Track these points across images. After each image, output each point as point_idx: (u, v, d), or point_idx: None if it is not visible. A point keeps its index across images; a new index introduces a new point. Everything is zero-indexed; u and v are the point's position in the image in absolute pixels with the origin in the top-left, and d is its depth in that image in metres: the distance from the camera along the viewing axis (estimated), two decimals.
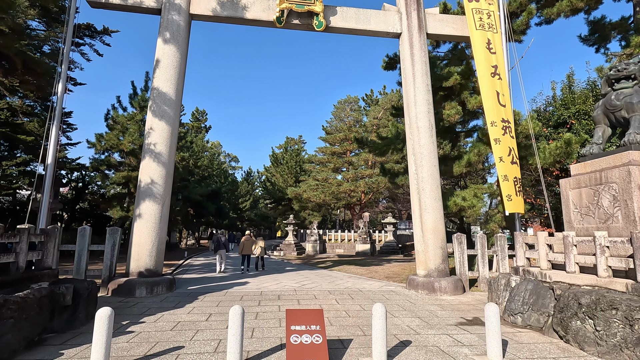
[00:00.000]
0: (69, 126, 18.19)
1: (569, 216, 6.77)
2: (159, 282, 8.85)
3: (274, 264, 18.72)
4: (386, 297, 8.95)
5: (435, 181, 10.43)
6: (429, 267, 9.90)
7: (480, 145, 12.93)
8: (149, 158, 9.55)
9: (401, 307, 7.73)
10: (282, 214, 41.13)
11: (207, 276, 12.74)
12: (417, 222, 10.36)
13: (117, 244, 9.28)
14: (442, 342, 5.28)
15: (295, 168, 40.36)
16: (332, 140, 33.79)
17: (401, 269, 15.63)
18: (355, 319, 6.59)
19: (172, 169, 10.09)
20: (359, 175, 29.82)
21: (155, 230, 9.21)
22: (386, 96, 34.00)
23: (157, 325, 6.04)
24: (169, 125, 9.81)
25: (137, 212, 9.29)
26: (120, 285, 8.55)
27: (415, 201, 10.48)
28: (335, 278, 12.47)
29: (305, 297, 8.64)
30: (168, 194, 9.71)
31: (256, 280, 11.50)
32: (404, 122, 12.02)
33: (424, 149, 10.51)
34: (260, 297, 8.68)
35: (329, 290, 9.70)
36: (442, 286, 9.42)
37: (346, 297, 8.74)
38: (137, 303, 7.80)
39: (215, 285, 10.53)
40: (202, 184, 32.52)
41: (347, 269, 16.04)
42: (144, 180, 9.43)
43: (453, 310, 7.53)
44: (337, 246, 27.48)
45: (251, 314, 6.84)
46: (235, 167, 66.98)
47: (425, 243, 10.08)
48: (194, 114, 45.40)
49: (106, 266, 9.08)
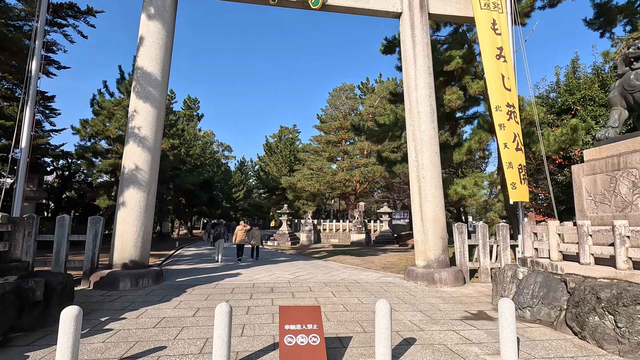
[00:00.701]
0: (52, 111, 17.35)
1: (581, 204, 6.35)
2: (144, 274, 8.33)
3: (268, 254, 18.28)
4: (384, 289, 8.56)
5: (436, 168, 9.98)
6: (429, 258, 9.51)
7: (481, 132, 12.51)
8: (133, 143, 8.94)
9: (401, 300, 7.33)
10: (276, 204, 40.61)
11: (198, 267, 12.26)
12: (417, 211, 9.93)
13: (100, 233, 8.73)
14: (448, 340, 4.86)
15: (290, 157, 39.70)
16: (327, 128, 33.12)
17: (398, 259, 15.28)
18: (353, 314, 6.16)
19: (159, 154, 9.49)
20: (355, 165, 29.29)
21: (140, 219, 8.66)
22: (382, 84, 33.34)
23: (139, 322, 5.55)
24: (154, 108, 9.19)
25: (121, 200, 8.71)
26: (103, 278, 8.03)
27: (415, 189, 10.03)
28: (331, 269, 12.07)
29: (300, 290, 8.20)
30: (154, 181, 9.13)
31: (249, 272, 11.04)
32: (403, 108, 11.53)
33: (424, 134, 10.03)
34: (253, 289, 8.23)
35: (325, 282, 9.27)
36: (442, 277, 9.05)
37: (343, 290, 8.32)
38: (120, 297, 7.29)
39: (205, 277, 10.05)
40: (194, 173, 31.80)
41: (342, 259, 15.66)
42: (127, 167, 8.84)
43: (456, 303, 7.14)
44: (331, 236, 27.12)
45: (242, 309, 6.38)
46: (229, 157, 66.04)
47: (425, 233, 9.68)
48: (185, 102, 44.37)
49: (88, 257, 8.54)
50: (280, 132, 45.54)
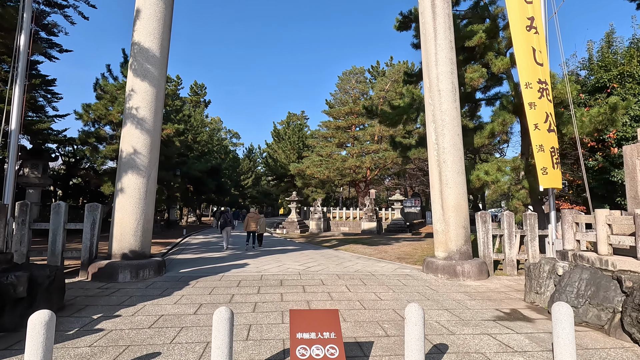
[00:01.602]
0: (54, 95, 16.83)
1: (635, 190, 5.54)
2: (145, 265, 7.80)
3: (277, 242, 17.77)
4: (403, 282, 7.90)
5: (458, 152, 9.18)
6: (450, 249, 8.80)
7: (504, 114, 11.59)
8: (131, 125, 8.31)
9: (423, 296, 6.66)
10: (285, 191, 40.11)
11: (204, 256, 11.75)
12: (437, 198, 9.18)
13: (98, 221, 8.19)
14: (486, 347, 4.19)
15: (298, 144, 38.90)
16: (336, 113, 32.08)
17: (412, 249, 14.61)
18: (372, 313, 5.52)
19: (159, 137, 8.86)
20: (365, 151, 28.38)
21: (139, 206, 8.08)
22: (394, 67, 32.11)
23: (134, 321, 4.98)
24: (152, 87, 8.51)
25: (119, 187, 8.14)
26: (101, 269, 7.52)
27: (435, 175, 9.26)
28: (343, 259, 11.45)
29: (311, 283, 7.59)
30: (154, 166, 8.52)
31: (256, 262, 10.48)
32: (419, 87, 10.66)
33: (445, 115, 9.20)
34: (260, 282, 7.64)
35: (338, 274, 8.65)
36: (465, 270, 8.35)
37: (358, 283, 7.69)
38: (118, 290, 6.77)
39: (211, 267, 9.52)
40: (201, 160, 31.36)
41: (354, 248, 15.05)
42: (125, 151, 8.23)
43: (484, 300, 6.46)
44: (341, 224, 26.52)
45: (248, 305, 5.79)
46: (237, 144, 65.57)
47: (445, 222, 8.94)
48: (192, 88, 43.70)
49: (85, 247, 8.02)
50: (289, 119, 44.65)
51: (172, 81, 38.86)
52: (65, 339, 4.29)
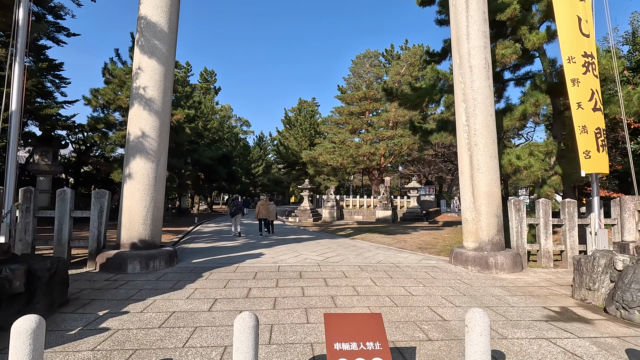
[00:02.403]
0: (62, 80, 16.41)
1: None
2: (155, 256, 7.33)
3: (290, 231, 17.29)
4: (431, 275, 7.29)
5: (491, 134, 8.43)
6: (481, 239, 8.14)
7: (537, 94, 10.73)
8: (138, 105, 7.75)
9: (457, 291, 6.05)
10: (296, 179, 39.57)
11: (217, 245, 11.31)
12: (467, 184, 8.48)
13: (106, 209, 7.73)
14: (548, 355, 3.57)
15: (310, 131, 38.12)
16: (349, 99, 31.10)
17: (432, 239, 13.97)
18: (406, 311, 4.93)
19: (168, 119, 8.29)
20: (380, 137, 27.50)
21: (149, 193, 7.58)
22: (409, 50, 30.87)
23: (143, 319, 4.49)
24: (161, 65, 7.91)
25: (127, 172, 7.64)
26: (110, 260, 7.07)
27: (465, 160, 8.54)
28: (362, 249, 10.88)
29: (333, 276, 7.03)
30: (164, 150, 7.98)
31: (271, 252, 9.97)
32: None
33: (477, 94, 8.42)
34: (278, 274, 7.12)
35: (360, 266, 8.08)
36: (498, 262, 7.69)
37: (383, 276, 7.11)
38: (127, 282, 6.31)
39: (225, 257, 9.04)
40: (212, 148, 30.94)
41: (371, 237, 14.47)
42: (133, 133, 7.70)
43: (525, 296, 5.82)
44: (355, 212, 25.92)
45: (267, 301, 5.26)
46: (247, 132, 65.10)
47: (477, 210, 8.25)
48: (202, 74, 43.09)
49: (93, 236, 7.58)
50: (300, 105, 43.79)
51: (182, 68, 38.28)
52: (66, 340, 3.82)
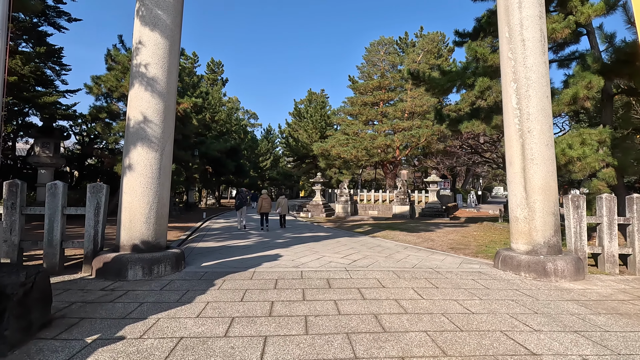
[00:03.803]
0: (62, 67, 15.47)
1: None
2: (160, 259, 6.34)
3: (304, 227, 16.26)
4: (480, 283, 6.20)
5: (547, 119, 7.25)
6: (535, 241, 7.00)
7: (589, 76, 9.49)
8: (139, 86, 6.71)
9: (524, 306, 4.95)
10: (306, 173, 38.54)
11: (228, 245, 10.32)
12: (517, 177, 7.33)
13: (103, 205, 6.73)
14: None
15: (321, 122, 36.88)
16: (363, 88, 29.72)
17: (462, 238, 12.84)
18: (477, 339, 3.85)
19: (174, 103, 7.24)
20: (396, 128, 26.20)
21: (152, 187, 6.57)
22: (425, 37, 29.43)
23: (143, 349, 3.48)
24: (165, 39, 6.84)
25: (127, 163, 6.63)
26: (107, 264, 6.09)
27: (515, 149, 7.37)
28: (389, 250, 9.81)
29: (367, 285, 5.97)
30: (169, 138, 6.95)
31: (289, 253, 8.95)
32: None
33: (531, 72, 7.23)
34: (302, 282, 6.08)
35: (394, 271, 7.01)
36: (558, 268, 6.57)
37: (425, 285, 6.03)
38: (126, 293, 5.32)
39: (238, 260, 8.03)
40: (220, 140, 29.99)
41: (393, 235, 13.39)
42: (133, 118, 6.67)
43: (612, 315, 4.70)
44: (369, 207, 24.81)
45: (296, 321, 4.21)
46: (255, 125, 64.08)
47: (529, 207, 7.11)
48: (209, 65, 42.04)
49: (89, 236, 6.60)
50: (310, 96, 42.50)
51: (189, 58, 37.31)
52: None
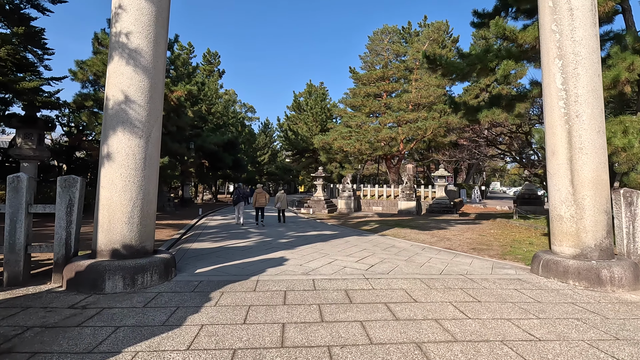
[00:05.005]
0: (45, 51, 14.19)
1: None
2: (145, 267, 5.28)
3: (307, 224, 15.24)
4: (528, 295, 5.21)
5: (598, 102, 6.23)
6: (585, 243, 6.01)
7: (630, 57, 8.50)
8: (119, 59, 5.62)
9: (596, 328, 3.95)
10: (306, 167, 37.44)
11: (226, 246, 9.28)
12: (562, 169, 6.31)
13: (78, 202, 5.66)
14: None
15: (321, 115, 35.70)
16: (366, 78, 28.51)
17: (479, 236, 11.88)
18: None
19: (162, 81, 6.14)
20: (401, 120, 25.07)
21: (135, 180, 5.50)
22: (430, 26, 28.28)
23: None
24: (150, 3, 5.73)
25: (105, 151, 5.54)
26: (80, 274, 5.04)
27: (560, 136, 6.35)
28: (406, 251, 8.81)
29: (395, 299, 4.95)
30: (156, 122, 5.86)
31: (296, 255, 7.92)
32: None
33: (580, 46, 6.20)
34: (316, 294, 5.06)
35: (421, 279, 6.00)
36: (614, 276, 5.60)
37: (464, 298, 5.02)
38: (100, 312, 4.27)
39: (237, 264, 6.99)
40: (216, 133, 28.82)
41: (404, 233, 12.41)
42: (112, 98, 5.58)
43: None
44: (373, 203, 23.80)
45: (319, 355, 3.18)
46: (252, 118, 62.77)
47: (577, 204, 6.11)
48: (205, 56, 40.69)
49: (59, 239, 5.52)
50: (309, 88, 41.25)
51: (184, 48, 35.96)
52: None
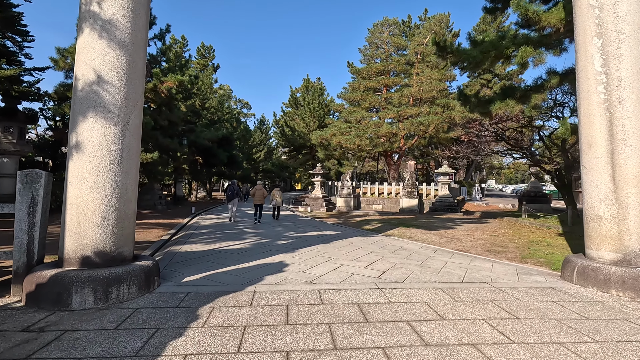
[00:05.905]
0: (24, 37, 13.16)
1: None
2: (121, 278, 4.45)
3: (306, 224, 14.44)
4: (571, 309, 4.46)
5: None
6: (629, 248, 5.29)
7: None
8: (91, 31, 4.75)
9: None
10: (303, 164, 36.59)
11: (219, 248, 8.46)
12: (602, 164, 5.57)
13: (43, 200, 4.81)
14: None
15: (319, 111, 34.82)
16: (366, 72, 27.65)
17: (490, 236, 11.16)
18: None
19: (143, 59, 5.28)
20: (402, 115, 24.27)
21: (110, 175, 4.66)
22: (431, 19, 27.52)
23: None
24: None
25: (73, 140, 4.69)
26: (42, 286, 4.20)
27: (599, 126, 5.60)
28: (416, 254, 8.05)
29: (418, 315, 4.17)
30: (135, 107, 5.01)
31: (296, 260, 7.11)
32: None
33: (624, 23, 5.45)
34: (323, 309, 4.27)
35: (443, 289, 5.23)
36: None
37: (500, 314, 4.25)
38: (60, 336, 3.44)
39: (231, 271, 6.17)
40: (211, 129, 27.87)
41: (410, 233, 11.67)
42: (82, 77, 4.73)
43: None
44: (373, 201, 23.05)
45: None
46: (248, 115, 61.74)
47: (619, 202, 5.38)
48: (199, 50, 39.61)
49: (20, 245, 4.67)
50: (307, 83, 40.33)
51: (177, 42, 34.92)
52: None
